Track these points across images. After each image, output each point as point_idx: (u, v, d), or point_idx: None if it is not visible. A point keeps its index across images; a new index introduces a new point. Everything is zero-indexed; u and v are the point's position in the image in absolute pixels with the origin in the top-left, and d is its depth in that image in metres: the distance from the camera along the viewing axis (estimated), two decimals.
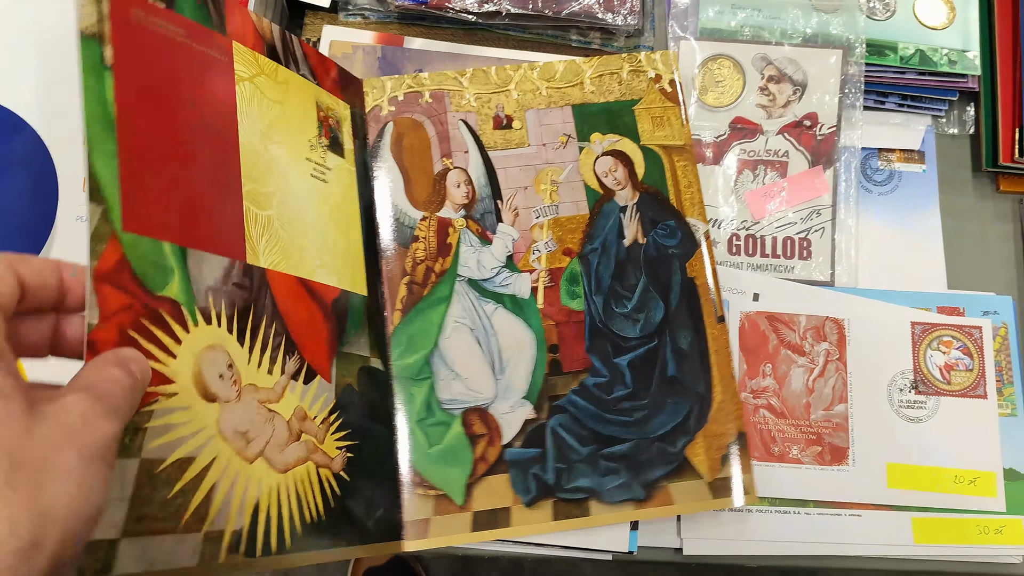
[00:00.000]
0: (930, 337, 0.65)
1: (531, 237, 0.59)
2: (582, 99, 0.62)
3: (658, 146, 0.62)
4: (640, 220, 0.58)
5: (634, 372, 0.57)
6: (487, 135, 0.61)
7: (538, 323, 0.58)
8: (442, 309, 0.56)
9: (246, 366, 0.33)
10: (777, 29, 0.68)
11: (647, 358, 0.58)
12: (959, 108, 0.71)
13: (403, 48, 0.65)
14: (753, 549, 0.61)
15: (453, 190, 0.59)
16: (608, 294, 0.58)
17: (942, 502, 0.62)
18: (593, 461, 0.56)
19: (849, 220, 0.67)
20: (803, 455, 0.63)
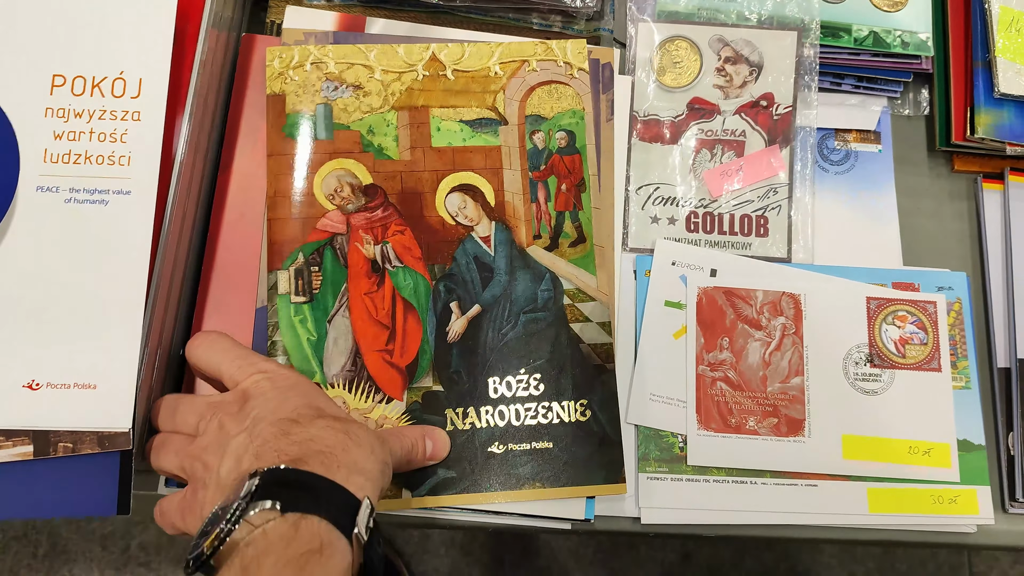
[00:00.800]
0: (885, 312, 0.66)
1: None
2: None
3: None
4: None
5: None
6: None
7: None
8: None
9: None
10: (733, 11, 0.70)
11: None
12: (914, 90, 0.73)
13: (356, 34, 0.66)
14: (710, 518, 0.62)
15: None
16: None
17: (897, 472, 0.63)
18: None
19: (806, 198, 0.68)
20: (760, 427, 0.63)
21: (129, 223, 0.53)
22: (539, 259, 0.62)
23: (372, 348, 0.59)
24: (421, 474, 0.58)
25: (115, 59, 0.56)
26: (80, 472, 0.51)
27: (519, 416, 0.59)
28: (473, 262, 0.61)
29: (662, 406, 0.63)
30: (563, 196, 0.63)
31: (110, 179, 0.54)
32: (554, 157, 0.64)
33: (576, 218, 0.63)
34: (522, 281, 0.61)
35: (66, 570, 1.43)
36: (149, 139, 0.54)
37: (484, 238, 0.62)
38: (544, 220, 0.63)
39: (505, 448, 0.59)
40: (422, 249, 0.61)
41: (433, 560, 1.43)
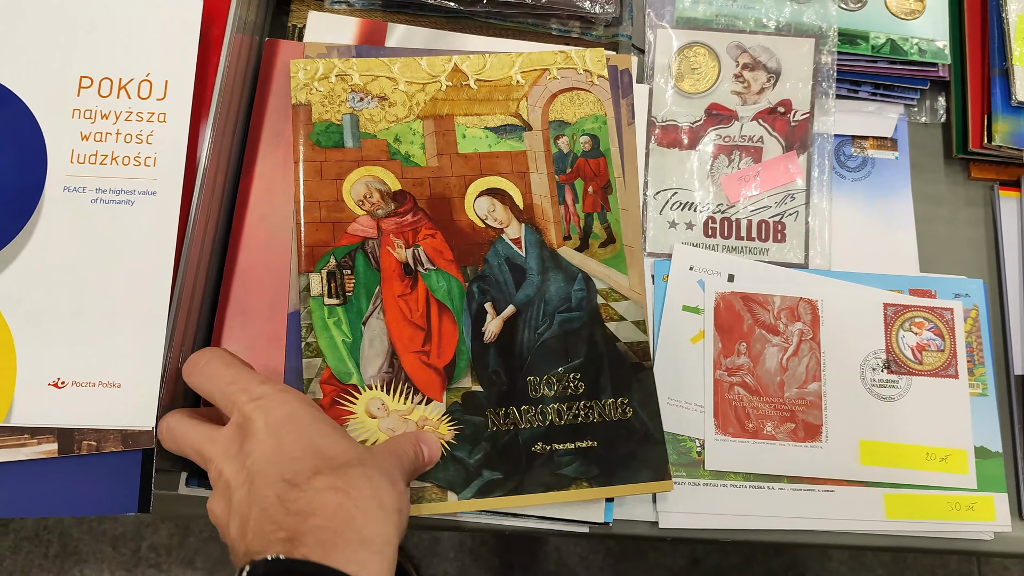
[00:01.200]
0: (902, 318, 0.66)
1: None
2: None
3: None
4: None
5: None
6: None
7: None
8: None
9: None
10: (751, 18, 0.70)
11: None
12: (930, 97, 0.73)
13: (377, 48, 0.67)
14: (728, 523, 0.62)
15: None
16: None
17: (914, 479, 0.63)
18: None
19: (823, 204, 0.69)
20: (777, 432, 0.64)
21: (154, 224, 0.54)
22: (570, 260, 0.62)
23: (408, 349, 0.59)
24: (464, 475, 0.58)
25: (141, 61, 0.56)
26: (103, 470, 0.51)
27: (560, 415, 0.59)
28: (505, 264, 0.61)
29: (680, 410, 0.64)
30: (590, 198, 0.64)
31: (136, 180, 0.54)
32: (579, 160, 0.64)
33: (604, 219, 0.63)
34: (555, 281, 0.62)
35: (77, 570, 1.44)
36: (174, 141, 0.55)
37: (515, 240, 0.62)
38: (573, 222, 0.63)
39: (548, 448, 0.59)
40: (453, 252, 0.61)
41: (443, 564, 1.43)
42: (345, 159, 0.62)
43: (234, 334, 0.60)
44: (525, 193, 0.63)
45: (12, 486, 0.50)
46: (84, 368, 0.52)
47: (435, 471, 0.57)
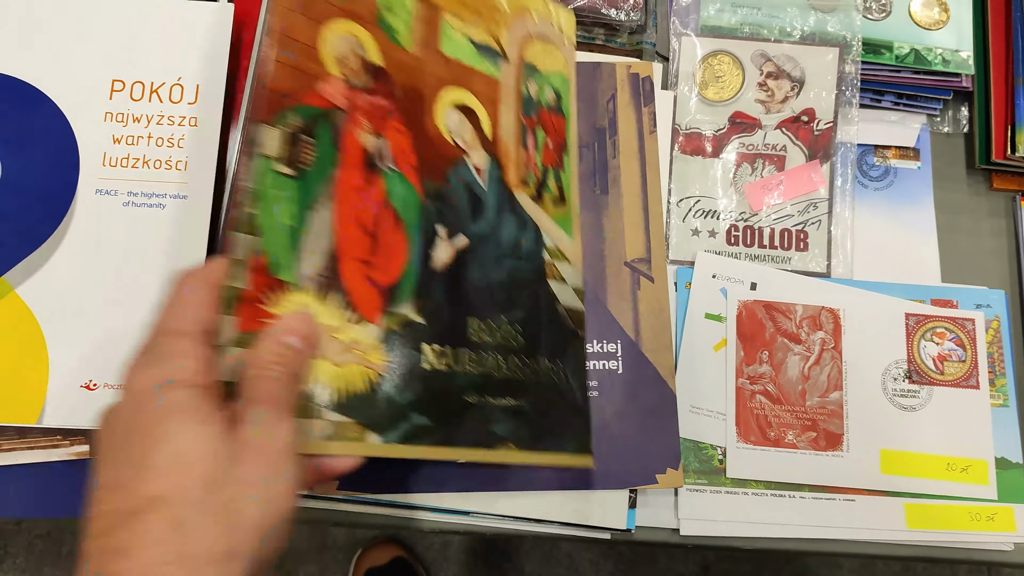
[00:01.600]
0: (924, 328, 0.66)
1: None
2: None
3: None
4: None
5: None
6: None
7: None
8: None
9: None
10: (775, 27, 0.70)
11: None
12: (953, 107, 0.73)
13: None
14: (749, 531, 0.62)
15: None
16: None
17: (935, 489, 0.64)
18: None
19: (845, 213, 0.69)
20: (798, 440, 0.64)
21: (186, 227, 0.54)
22: (525, 206, 0.59)
23: (351, 255, 0.49)
24: (389, 415, 0.48)
25: (173, 65, 0.57)
26: None
27: (499, 367, 0.54)
28: (465, 190, 0.56)
29: (702, 418, 0.64)
30: (550, 152, 0.61)
31: (167, 183, 0.55)
32: (543, 111, 0.62)
33: (559, 178, 0.61)
34: (509, 224, 0.57)
35: None
36: (206, 144, 0.56)
37: (478, 168, 0.57)
38: (531, 169, 0.60)
39: (482, 399, 0.53)
40: (418, 158, 0.54)
41: (453, 567, 1.44)
42: (332, 2, 0.52)
43: None
44: (494, 124, 0.59)
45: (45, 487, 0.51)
46: (116, 370, 0.52)
47: (357, 405, 0.47)
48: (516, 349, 0.55)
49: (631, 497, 0.60)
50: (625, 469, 0.60)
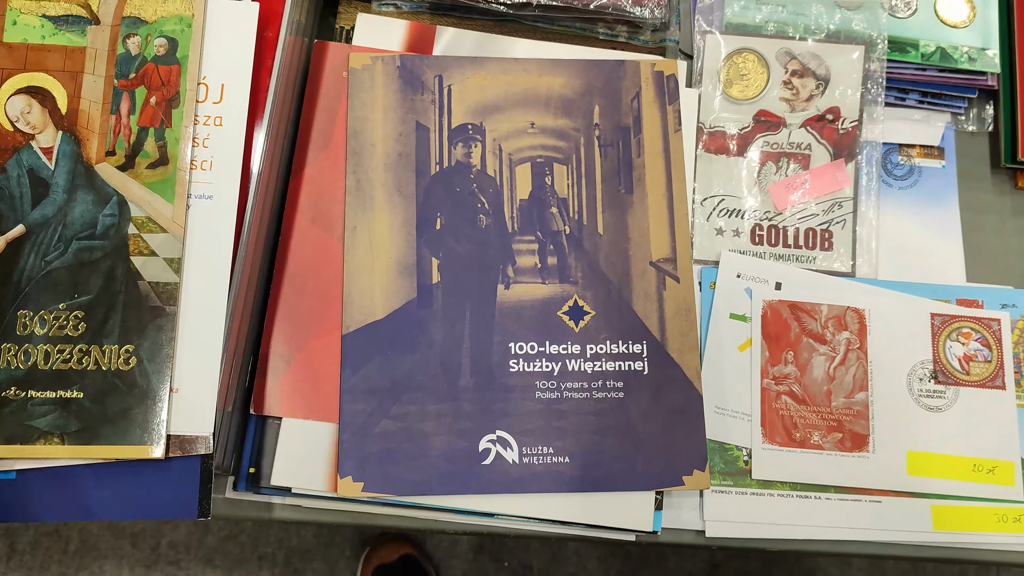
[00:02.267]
0: (949, 328, 0.66)
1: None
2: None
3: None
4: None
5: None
6: None
7: None
8: None
9: None
10: (801, 24, 0.70)
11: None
12: (978, 106, 0.73)
13: (422, 57, 0.66)
14: (775, 532, 0.62)
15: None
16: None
17: (961, 490, 0.63)
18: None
19: (870, 213, 0.68)
20: (824, 441, 0.63)
21: (211, 227, 0.54)
22: (108, 179, 0.55)
23: None
24: None
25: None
26: (162, 476, 0.51)
27: (48, 359, 0.52)
28: (26, 175, 0.54)
29: (727, 419, 0.63)
30: (150, 110, 0.56)
31: (193, 183, 0.54)
32: (148, 65, 0.57)
33: (161, 136, 0.56)
34: (82, 203, 0.54)
35: (96, 566, 1.44)
36: (231, 144, 0.55)
37: (46, 149, 0.54)
38: (123, 135, 0.56)
39: (23, 395, 0.51)
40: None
41: (462, 565, 1.43)
42: None
43: (283, 338, 0.60)
44: (72, 96, 0.56)
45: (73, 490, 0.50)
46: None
47: None
48: (74, 338, 0.53)
49: (657, 499, 0.60)
50: (652, 470, 0.59)
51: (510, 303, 0.61)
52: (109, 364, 0.52)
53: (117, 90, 0.56)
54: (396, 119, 0.64)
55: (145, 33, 0.57)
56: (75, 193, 0.54)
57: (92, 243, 0.54)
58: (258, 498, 0.59)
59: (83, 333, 0.52)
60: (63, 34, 0.56)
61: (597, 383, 0.60)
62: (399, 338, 0.60)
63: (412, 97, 0.65)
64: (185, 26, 0.57)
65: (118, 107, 0.56)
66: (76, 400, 0.51)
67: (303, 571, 1.44)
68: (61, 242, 0.53)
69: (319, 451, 0.58)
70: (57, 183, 0.54)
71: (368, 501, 0.59)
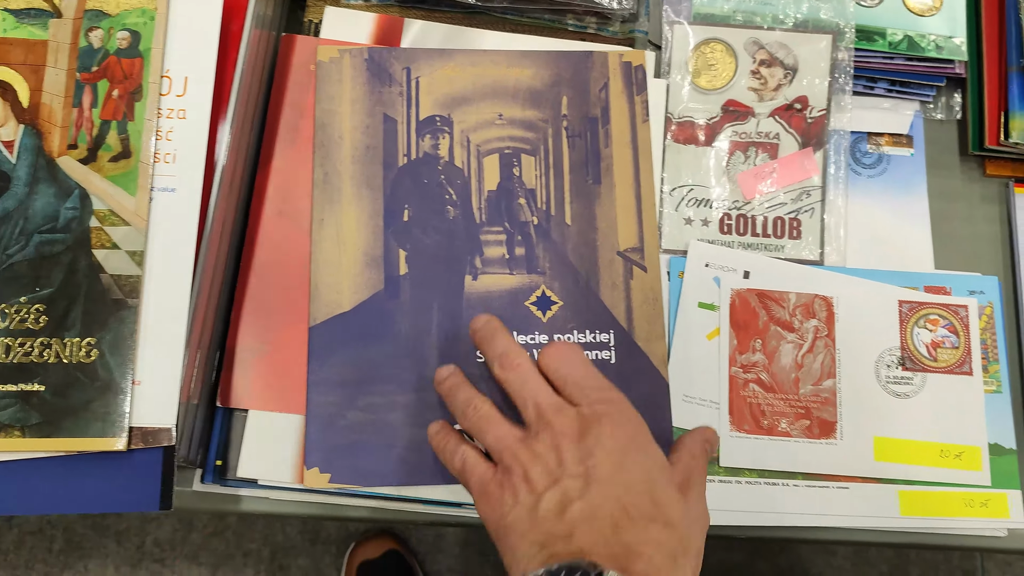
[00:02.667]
0: (917, 315, 0.66)
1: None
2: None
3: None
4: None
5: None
6: None
7: None
8: None
9: None
10: (769, 14, 0.70)
11: None
12: (947, 94, 0.73)
13: (390, 49, 0.66)
14: (743, 520, 0.62)
15: None
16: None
17: (928, 475, 0.64)
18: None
19: (838, 201, 0.69)
20: (792, 428, 0.64)
21: (174, 220, 0.54)
22: (70, 172, 0.55)
23: None
24: None
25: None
26: (124, 468, 0.51)
27: (8, 352, 0.52)
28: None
29: (695, 407, 0.64)
30: (112, 103, 0.57)
31: (156, 176, 0.54)
32: (110, 58, 0.57)
33: (124, 129, 0.56)
34: (44, 196, 0.55)
35: (81, 565, 1.44)
36: (195, 137, 0.55)
37: (7, 143, 0.55)
38: (85, 128, 0.56)
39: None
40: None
41: (447, 560, 1.44)
42: None
43: (250, 330, 0.60)
44: (34, 90, 0.56)
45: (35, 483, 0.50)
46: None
47: None
48: (36, 331, 0.53)
49: None
50: None
51: (478, 294, 0.62)
52: (71, 357, 0.52)
53: (79, 83, 0.56)
54: (364, 111, 0.64)
55: (108, 26, 0.57)
56: (37, 186, 0.54)
57: (54, 236, 0.54)
58: (225, 490, 0.59)
59: (44, 326, 0.52)
60: (25, 27, 0.56)
61: None
62: (366, 330, 0.60)
63: (380, 89, 0.65)
64: (148, 19, 0.57)
65: (80, 100, 0.56)
66: (37, 393, 0.51)
67: (288, 567, 1.44)
68: (22, 235, 0.53)
69: (286, 443, 0.58)
70: (18, 176, 0.54)
71: (336, 492, 0.59)
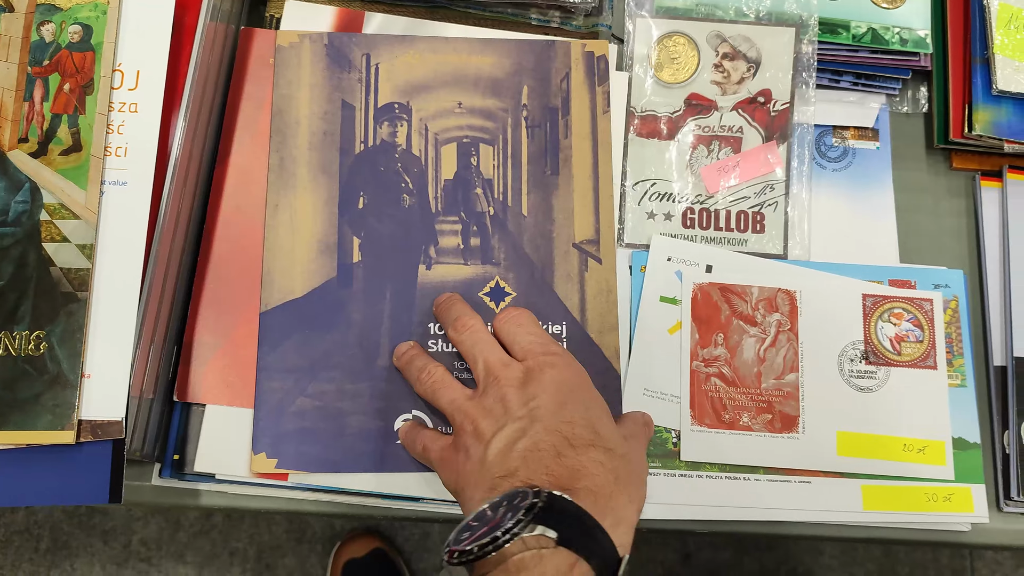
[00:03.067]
0: (881, 309, 0.66)
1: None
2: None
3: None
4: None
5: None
6: None
7: None
8: None
9: None
10: (731, 7, 0.70)
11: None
12: (912, 87, 0.73)
13: (351, 35, 0.66)
14: (704, 514, 0.62)
15: None
16: None
17: (892, 470, 0.63)
18: None
19: (802, 195, 0.68)
20: (754, 423, 0.63)
21: (126, 213, 0.54)
22: (20, 166, 0.55)
23: None
24: None
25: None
26: (74, 461, 0.51)
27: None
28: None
29: (656, 401, 0.63)
30: (64, 97, 0.57)
31: (107, 170, 0.54)
32: (62, 52, 0.57)
33: (75, 123, 0.56)
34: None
35: (68, 564, 1.44)
36: (146, 131, 0.55)
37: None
38: (36, 122, 0.56)
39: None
40: None
41: (433, 558, 1.43)
42: None
43: (208, 325, 0.60)
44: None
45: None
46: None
47: None
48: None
49: None
50: None
51: (431, 283, 0.61)
52: (19, 350, 0.52)
53: (31, 77, 0.56)
54: (322, 97, 0.64)
55: (60, 20, 0.57)
56: None
57: (3, 230, 0.54)
58: (184, 485, 0.59)
59: None
60: None
61: None
62: (318, 317, 0.60)
63: (339, 75, 0.64)
64: (100, 13, 0.57)
65: (31, 94, 0.56)
66: None
67: (274, 566, 1.44)
68: None
69: (242, 437, 0.58)
70: None
71: (291, 487, 0.59)
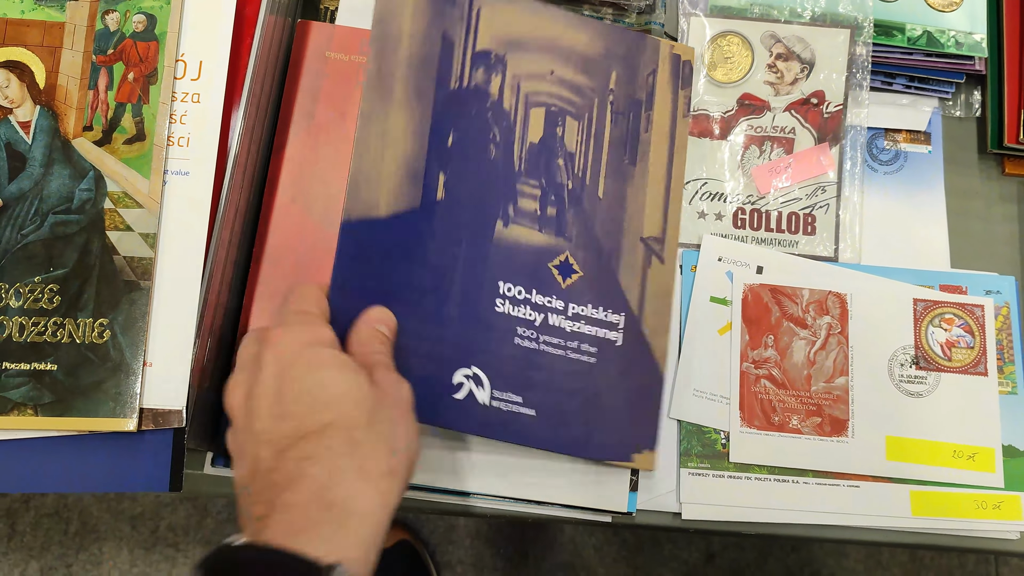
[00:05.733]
0: (932, 314, 0.66)
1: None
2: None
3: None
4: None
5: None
6: None
7: None
8: None
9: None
10: (786, 8, 0.69)
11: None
12: (966, 91, 0.72)
13: None
14: (751, 516, 0.62)
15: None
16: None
17: (941, 476, 0.63)
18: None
19: (854, 197, 0.68)
20: (803, 425, 0.63)
21: (187, 204, 0.54)
22: (85, 154, 0.56)
23: None
24: None
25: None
26: (134, 449, 0.52)
27: (23, 331, 0.53)
28: (4, 149, 0.55)
29: (705, 402, 0.63)
30: (128, 86, 0.57)
31: (170, 159, 0.55)
32: (126, 41, 0.57)
33: (139, 112, 0.57)
34: (59, 177, 0.55)
35: (96, 548, 1.45)
36: (208, 121, 0.55)
37: (23, 123, 0.55)
38: (100, 110, 0.57)
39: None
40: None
41: (458, 551, 1.44)
42: None
43: (262, 318, 0.60)
44: (51, 71, 0.57)
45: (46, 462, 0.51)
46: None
47: None
48: (49, 311, 0.53)
49: (632, 480, 0.60)
50: (606, 442, 0.59)
51: (506, 242, 0.61)
52: (83, 337, 0.53)
53: (95, 65, 0.57)
54: (425, 21, 0.62)
55: (124, 9, 0.57)
56: (52, 167, 0.55)
57: (68, 217, 0.54)
58: None
59: (58, 306, 0.53)
60: (42, 9, 0.57)
61: (573, 344, 0.60)
62: (396, 246, 0.58)
63: (443, 7, 0.63)
64: (164, 3, 0.57)
65: (96, 82, 0.57)
66: (50, 372, 0.52)
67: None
68: (37, 216, 0.54)
69: None
70: (34, 157, 0.55)
71: None
